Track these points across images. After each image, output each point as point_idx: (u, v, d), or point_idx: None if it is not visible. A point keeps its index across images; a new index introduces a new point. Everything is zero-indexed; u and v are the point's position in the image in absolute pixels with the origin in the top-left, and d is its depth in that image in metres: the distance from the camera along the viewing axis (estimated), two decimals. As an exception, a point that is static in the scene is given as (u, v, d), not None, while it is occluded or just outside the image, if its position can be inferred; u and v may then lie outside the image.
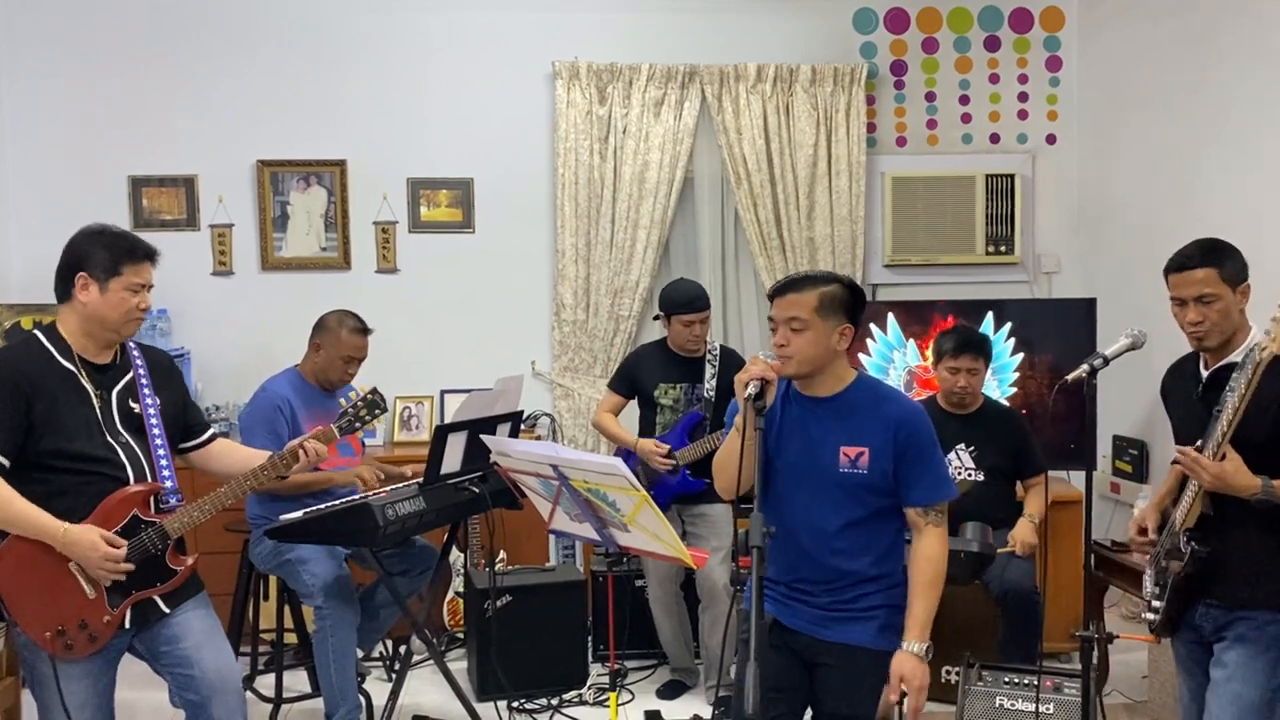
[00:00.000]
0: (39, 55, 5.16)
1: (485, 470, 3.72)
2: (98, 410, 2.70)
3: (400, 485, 3.67)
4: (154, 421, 2.79)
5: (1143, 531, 2.84)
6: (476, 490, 3.69)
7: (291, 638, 4.20)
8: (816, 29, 5.50)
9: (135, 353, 2.85)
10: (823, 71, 5.38)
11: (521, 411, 4.05)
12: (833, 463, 2.50)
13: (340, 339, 3.95)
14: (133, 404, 2.77)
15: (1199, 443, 2.61)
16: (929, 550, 2.51)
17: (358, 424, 3.18)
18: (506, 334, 5.41)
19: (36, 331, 2.74)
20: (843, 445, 2.50)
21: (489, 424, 3.70)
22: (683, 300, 4.16)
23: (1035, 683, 3.39)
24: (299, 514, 3.45)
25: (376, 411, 3.21)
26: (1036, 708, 3.36)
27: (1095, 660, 2.90)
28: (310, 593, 3.72)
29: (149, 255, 2.78)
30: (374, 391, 3.23)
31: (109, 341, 2.76)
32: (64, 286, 2.72)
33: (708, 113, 5.38)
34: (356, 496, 3.61)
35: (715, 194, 5.45)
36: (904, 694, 2.46)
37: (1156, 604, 2.77)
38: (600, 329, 5.40)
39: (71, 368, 2.69)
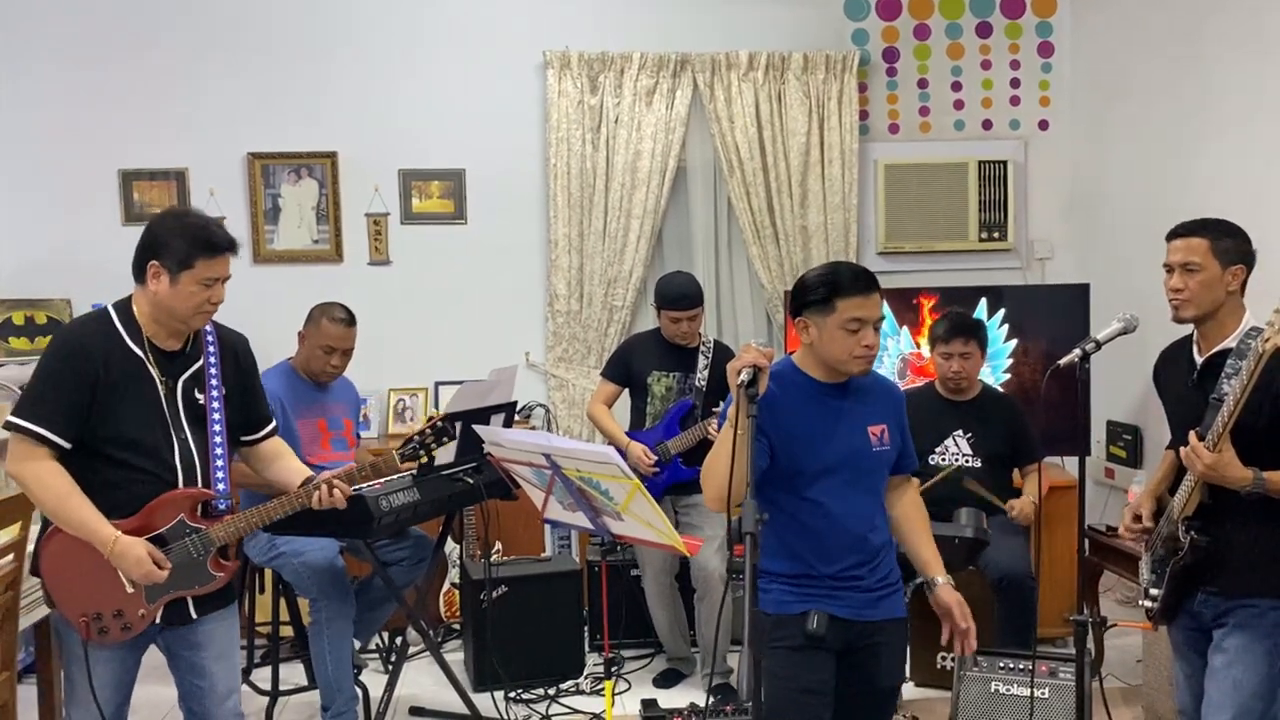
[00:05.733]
0: (27, 48, 5.13)
1: (479, 461, 3.72)
2: (162, 399, 2.63)
3: (395, 476, 3.66)
4: (216, 416, 2.71)
5: (1138, 519, 2.84)
6: (471, 481, 3.68)
7: (287, 630, 4.20)
8: (808, 16, 5.49)
9: (209, 337, 2.75)
10: (815, 59, 5.37)
11: (515, 402, 4.04)
12: (865, 444, 2.56)
13: (320, 328, 3.92)
14: (198, 394, 2.70)
15: (1199, 429, 2.60)
16: (918, 499, 2.77)
17: (422, 452, 3.14)
18: (500, 325, 5.40)
19: (110, 308, 2.65)
20: (869, 425, 2.57)
21: (483, 415, 3.70)
22: (672, 296, 4.19)
23: (1030, 668, 3.40)
24: (293, 506, 3.43)
25: (444, 439, 3.17)
26: (1031, 692, 3.37)
27: (1090, 645, 2.90)
28: (305, 585, 3.71)
29: (229, 247, 2.67)
30: (446, 418, 3.19)
31: (178, 331, 2.68)
32: (139, 269, 2.64)
33: (700, 101, 5.37)
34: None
35: (708, 183, 5.44)
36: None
37: (1154, 591, 2.77)
38: (594, 319, 5.39)
39: (140, 353, 2.62)
